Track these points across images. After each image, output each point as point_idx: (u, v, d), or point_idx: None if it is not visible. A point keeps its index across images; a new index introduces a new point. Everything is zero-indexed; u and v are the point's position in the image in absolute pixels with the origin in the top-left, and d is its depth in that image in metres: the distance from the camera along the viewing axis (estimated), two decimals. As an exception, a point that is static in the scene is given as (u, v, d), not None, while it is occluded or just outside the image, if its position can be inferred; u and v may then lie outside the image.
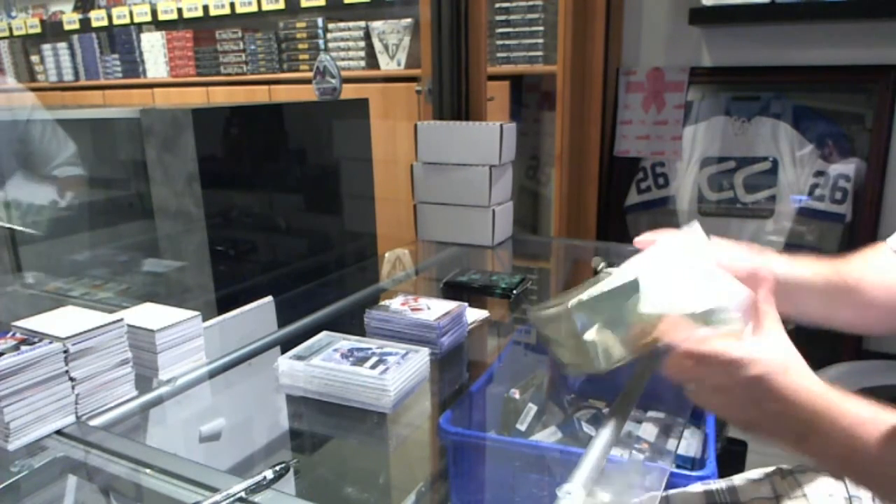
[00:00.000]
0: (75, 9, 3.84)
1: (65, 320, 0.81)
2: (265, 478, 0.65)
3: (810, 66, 1.97)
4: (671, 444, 1.23)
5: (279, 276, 1.45)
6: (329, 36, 2.87)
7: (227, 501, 0.62)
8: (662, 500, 0.87)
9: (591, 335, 0.69)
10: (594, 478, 0.62)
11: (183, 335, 0.92)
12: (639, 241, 0.78)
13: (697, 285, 0.69)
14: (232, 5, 3.11)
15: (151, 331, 0.88)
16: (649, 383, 0.85)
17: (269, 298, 1.15)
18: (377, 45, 2.76)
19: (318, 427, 0.98)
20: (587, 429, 1.28)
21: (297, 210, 1.53)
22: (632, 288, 0.69)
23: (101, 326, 0.80)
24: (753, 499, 0.83)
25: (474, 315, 1.18)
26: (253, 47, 3.09)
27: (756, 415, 0.62)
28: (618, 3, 2.14)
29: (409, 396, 0.92)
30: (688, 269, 0.71)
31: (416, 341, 1.03)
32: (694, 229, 0.77)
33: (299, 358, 0.94)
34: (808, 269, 0.77)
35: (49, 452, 0.75)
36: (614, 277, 0.70)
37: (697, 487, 0.90)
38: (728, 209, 2.11)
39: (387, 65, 2.76)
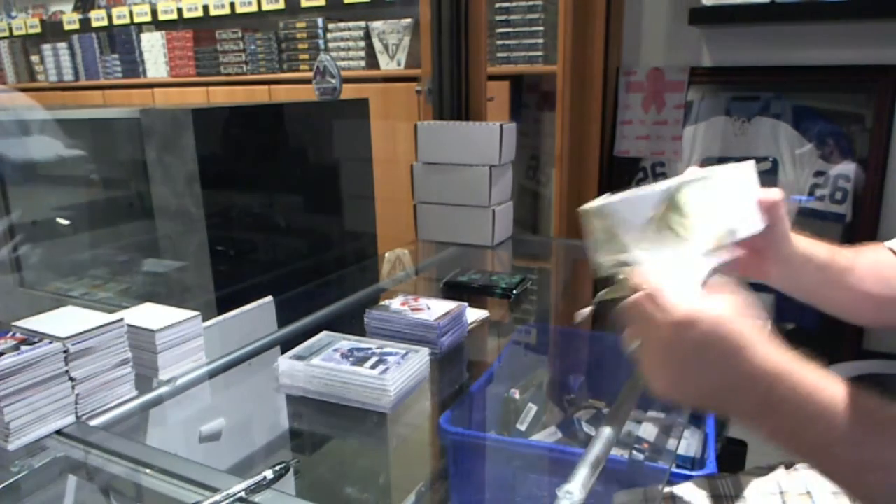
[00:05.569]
0: (75, 9, 3.84)
1: (65, 320, 0.81)
2: (265, 478, 0.65)
3: (810, 66, 1.97)
4: (671, 444, 1.23)
5: (279, 276, 1.45)
6: (329, 36, 2.87)
7: (227, 501, 0.62)
8: (667, 494, 0.87)
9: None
10: (594, 478, 0.61)
11: (183, 335, 0.92)
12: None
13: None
14: (232, 5, 3.11)
15: (151, 331, 0.88)
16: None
17: (269, 298, 1.15)
18: (377, 45, 2.76)
19: (318, 427, 0.98)
20: (587, 429, 1.27)
21: (297, 210, 1.53)
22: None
23: (101, 326, 0.80)
24: (758, 493, 0.83)
25: (474, 315, 1.18)
26: (253, 47, 3.09)
27: (710, 385, 0.55)
28: (618, 3, 2.14)
29: (409, 396, 0.92)
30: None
31: (416, 341, 1.03)
32: (749, 165, 0.73)
33: (299, 358, 0.94)
34: (810, 242, 0.75)
35: (49, 452, 0.75)
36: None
37: (702, 481, 0.89)
38: (728, 209, 2.11)
39: (387, 65, 2.76)
